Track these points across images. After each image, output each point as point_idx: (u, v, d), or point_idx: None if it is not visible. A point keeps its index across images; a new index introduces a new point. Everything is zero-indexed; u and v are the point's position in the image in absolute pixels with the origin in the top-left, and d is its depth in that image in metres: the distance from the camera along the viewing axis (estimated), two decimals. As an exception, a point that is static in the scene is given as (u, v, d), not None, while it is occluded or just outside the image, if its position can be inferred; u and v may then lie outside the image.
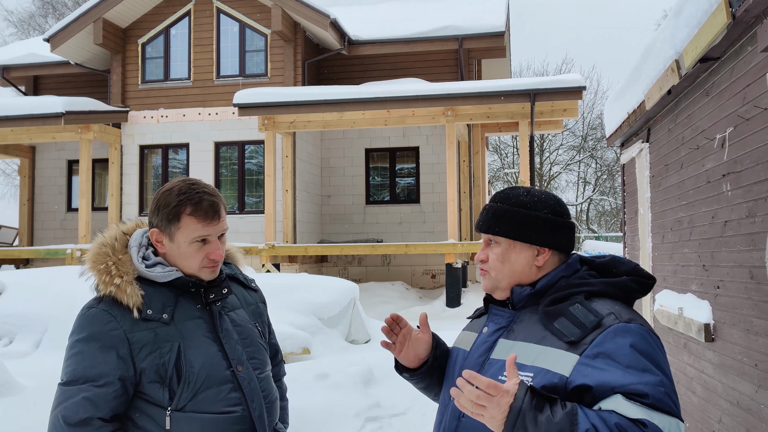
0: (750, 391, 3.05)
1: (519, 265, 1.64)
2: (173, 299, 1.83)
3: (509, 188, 1.72)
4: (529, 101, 12.52)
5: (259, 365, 1.91)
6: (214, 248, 1.84)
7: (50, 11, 34.94)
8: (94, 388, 1.72)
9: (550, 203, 1.66)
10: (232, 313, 1.92)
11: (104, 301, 1.80)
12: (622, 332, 1.45)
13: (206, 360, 1.79)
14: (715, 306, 3.57)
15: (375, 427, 5.14)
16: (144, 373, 1.75)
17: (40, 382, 4.82)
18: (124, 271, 1.81)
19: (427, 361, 1.80)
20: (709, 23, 3.02)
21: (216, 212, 1.83)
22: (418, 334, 1.79)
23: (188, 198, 1.80)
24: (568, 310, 1.53)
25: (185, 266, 1.84)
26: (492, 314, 1.70)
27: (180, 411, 1.75)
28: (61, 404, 1.73)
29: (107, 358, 1.73)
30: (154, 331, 1.77)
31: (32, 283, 7.32)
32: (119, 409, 1.76)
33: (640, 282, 1.62)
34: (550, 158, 35.64)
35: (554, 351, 1.49)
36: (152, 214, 1.85)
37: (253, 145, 15.11)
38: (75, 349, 1.77)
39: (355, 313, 8.31)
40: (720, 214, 3.45)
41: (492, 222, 1.66)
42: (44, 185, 16.81)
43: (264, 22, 15.00)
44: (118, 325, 1.76)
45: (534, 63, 56.86)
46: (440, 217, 15.60)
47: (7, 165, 31.94)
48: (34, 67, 16.79)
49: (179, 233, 1.81)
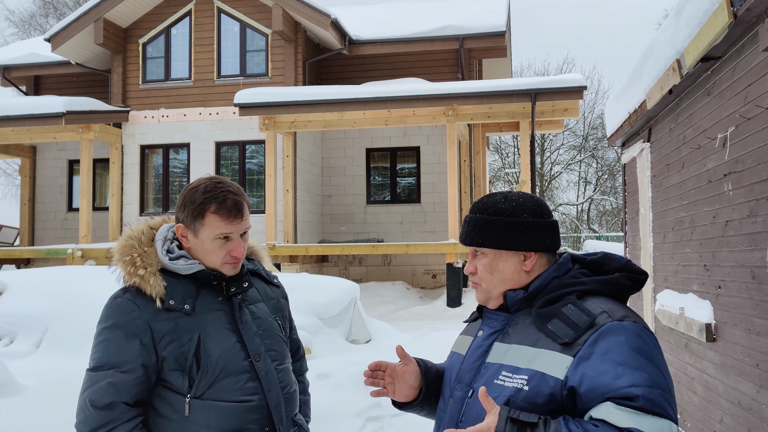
0: (751, 391, 3.04)
1: (508, 273, 1.64)
2: (195, 291, 1.89)
3: (486, 196, 1.71)
4: (530, 101, 12.51)
5: (277, 357, 1.96)
6: (236, 245, 1.90)
7: (51, 11, 34.96)
8: (118, 374, 1.79)
9: (529, 206, 1.65)
10: (252, 306, 1.98)
11: (129, 291, 1.87)
12: (615, 330, 1.45)
13: (224, 350, 1.85)
14: (717, 306, 3.57)
15: (376, 427, 5.14)
16: (165, 361, 1.82)
17: (40, 382, 4.82)
18: (148, 263, 1.88)
19: (421, 389, 1.79)
20: (711, 23, 3.01)
21: (239, 211, 1.89)
22: (403, 367, 1.78)
23: (213, 196, 1.87)
24: (561, 311, 1.52)
25: (208, 261, 1.91)
26: (487, 318, 1.69)
27: (198, 398, 1.82)
28: (88, 388, 1.81)
29: (131, 346, 1.81)
30: (175, 321, 1.84)
31: (33, 283, 7.32)
32: (142, 395, 1.82)
33: (632, 278, 1.61)
34: (551, 158, 35.62)
35: (549, 353, 1.48)
36: (178, 210, 1.93)
37: (253, 145, 15.12)
38: (101, 336, 1.85)
39: (356, 313, 8.31)
40: (721, 214, 3.45)
41: (474, 234, 1.66)
42: (45, 185, 16.82)
43: (265, 21, 15.01)
44: (141, 314, 1.83)
45: (535, 63, 56.84)
46: (441, 217, 15.59)
47: (8, 165, 31.95)
48: (34, 67, 16.80)
49: (203, 230, 1.88)
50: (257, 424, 1.86)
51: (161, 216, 2.06)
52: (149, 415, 1.85)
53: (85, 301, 6.61)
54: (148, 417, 1.85)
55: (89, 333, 6.41)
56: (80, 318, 6.31)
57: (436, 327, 9.90)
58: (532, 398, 1.45)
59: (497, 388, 1.51)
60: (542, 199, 1.73)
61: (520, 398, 1.46)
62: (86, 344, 5.48)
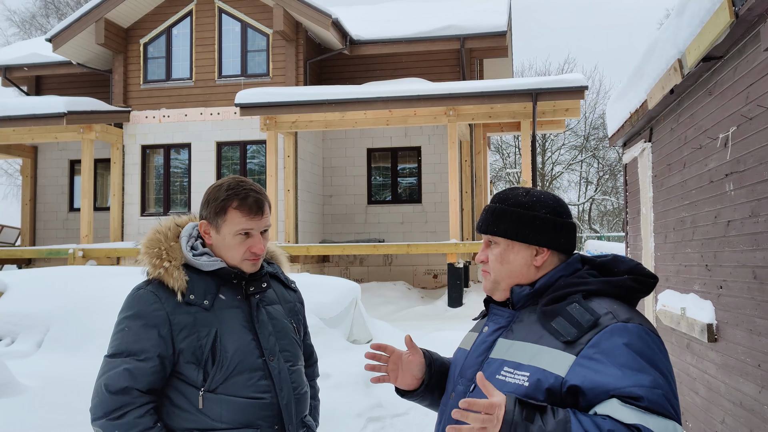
0: (753, 391, 3.03)
1: (517, 265, 1.63)
2: (215, 288, 1.95)
3: (509, 188, 1.72)
4: (531, 101, 12.50)
5: (290, 358, 2.01)
6: (256, 242, 1.96)
7: (52, 11, 34.98)
8: (134, 362, 1.85)
9: (549, 203, 1.65)
10: (270, 307, 2.03)
11: (152, 283, 1.94)
12: (619, 332, 1.44)
13: (239, 347, 1.91)
14: (718, 306, 3.56)
15: (377, 428, 5.13)
16: (182, 354, 1.88)
17: (41, 382, 4.82)
18: (172, 257, 1.95)
19: (424, 380, 1.80)
20: (712, 22, 3.01)
21: (260, 208, 1.96)
22: (409, 357, 1.79)
23: (235, 193, 1.94)
24: (565, 310, 1.52)
25: (229, 257, 1.97)
26: (492, 314, 1.69)
27: (212, 392, 1.87)
28: (105, 374, 1.87)
29: (149, 336, 1.87)
30: (194, 316, 1.90)
31: (34, 283, 7.32)
32: (156, 384, 1.88)
33: (641, 281, 1.60)
34: (552, 158, 35.61)
35: (551, 351, 1.48)
36: (202, 207, 2.00)
37: (254, 145, 15.12)
38: (122, 325, 1.91)
39: (357, 313, 8.31)
40: (723, 214, 3.44)
41: (490, 222, 1.66)
42: (46, 185, 16.83)
43: (266, 22, 15.01)
44: (162, 306, 1.89)
45: (536, 63, 56.84)
46: (442, 217, 15.59)
47: (10, 165, 31.98)
48: (36, 67, 16.80)
49: (225, 225, 1.95)
50: (267, 422, 1.92)
51: (188, 215, 2.14)
52: (162, 404, 1.90)
53: (86, 301, 6.61)
54: (161, 405, 1.90)
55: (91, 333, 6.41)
56: (82, 318, 6.31)
57: (437, 327, 9.90)
58: (532, 394, 1.45)
59: (499, 384, 1.51)
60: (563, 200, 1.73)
61: (521, 394, 1.46)
62: (88, 344, 5.49)
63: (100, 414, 1.83)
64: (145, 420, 1.82)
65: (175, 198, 15.41)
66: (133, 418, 1.81)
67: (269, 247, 2.20)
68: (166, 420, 1.89)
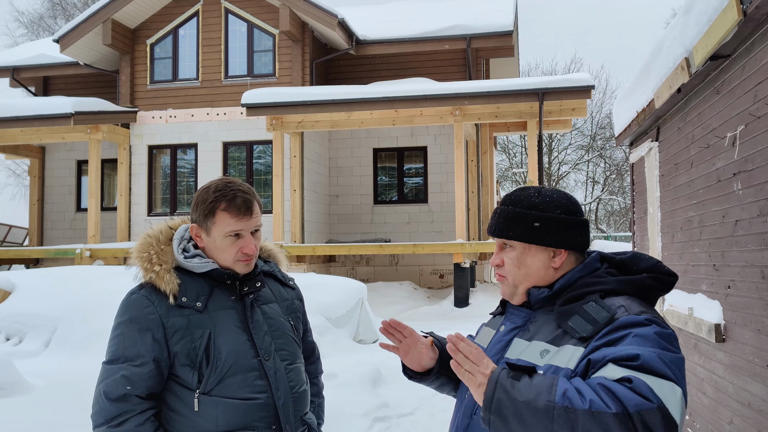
0: (761, 392, 3.02)
1: (535, 269, 1.62)
2: (208, 289, 1.94)
3: (519, 189, 1.68)
4: (537, 100, 12.47)
5: (287, 357, 2.00)
6: (247, 243, 1.94)
7: (60, 12, 35.13)
8: (131, 367, 1.85)
9: (562, 202, 1.63)
10: (265, 306, 2.02)
11: (145, 287, 1.94)
12: (629, 324, 1.43)
13: (234, 348, 1.90)
14: (726, 306, 3.54)
15: (383, 427, 5.13)
16: (177, 357, 1.87)
17: (49, 382, 4.84)
18: (163, 260, 1.95)
19: (433, 368, 1.81)
20: (720, 20, 2.99)
21: (248, 208, 1.94)
22: (423, 349, 1.80)
23: (223, 195, 1.93)
24: (582, 309, 1.50)
25: (221, 259, 1.95)
26: (509, 313, 1.69)
27: (207, 394, 1.86)
28: (103, 381, 1.87)
29: (144, 340, 1.87)
30: (188, 318, 1.89)
31: (42, 283, 7.36)
32: (155, 389, 1.87)
33: (660, 279, 1.57)
34: (559, 158, 35.53)
35: (566, 348, 1.48)
36: (192, 211, 1.99)
37: (261, 145, 15.14)
38: (117, 330, 1.91)
39: (363, 313, 8.31)
40: (731, 214, 3.42)
41: (504, 226, 1.64)
42: (54, 185, 16.90)
43: (272, 22, 15.03)
44: (155, 309, 1.88)
45: (542, 62, 56.72)
46: (448, 217, 15.57)
47: (17, 165, 32.14)
48: (43, 68, 16.88)
49: (215, 227, 1.93)
50: (264, 422, 1.90)
51: (181, 217, 2.13)
52: (161, 409, 1.90)
53: (93, 300, 6.63)
54: (161, 410, 1.90)
55: (98, 332, 6.45)
56: (89, 318, 6.33)
57: (443, 327, 9.89)
58: None
59: None
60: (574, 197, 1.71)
61: None
62: (95, 343, 5.51)
63: (102, 421, 1.83)
64: (145, 427, 1.82)
65: (182, 198, 15.45)
66: (133, 426, 1.81)
67: (266, 245, 2.19)
68: (164, 425, 1.88)
